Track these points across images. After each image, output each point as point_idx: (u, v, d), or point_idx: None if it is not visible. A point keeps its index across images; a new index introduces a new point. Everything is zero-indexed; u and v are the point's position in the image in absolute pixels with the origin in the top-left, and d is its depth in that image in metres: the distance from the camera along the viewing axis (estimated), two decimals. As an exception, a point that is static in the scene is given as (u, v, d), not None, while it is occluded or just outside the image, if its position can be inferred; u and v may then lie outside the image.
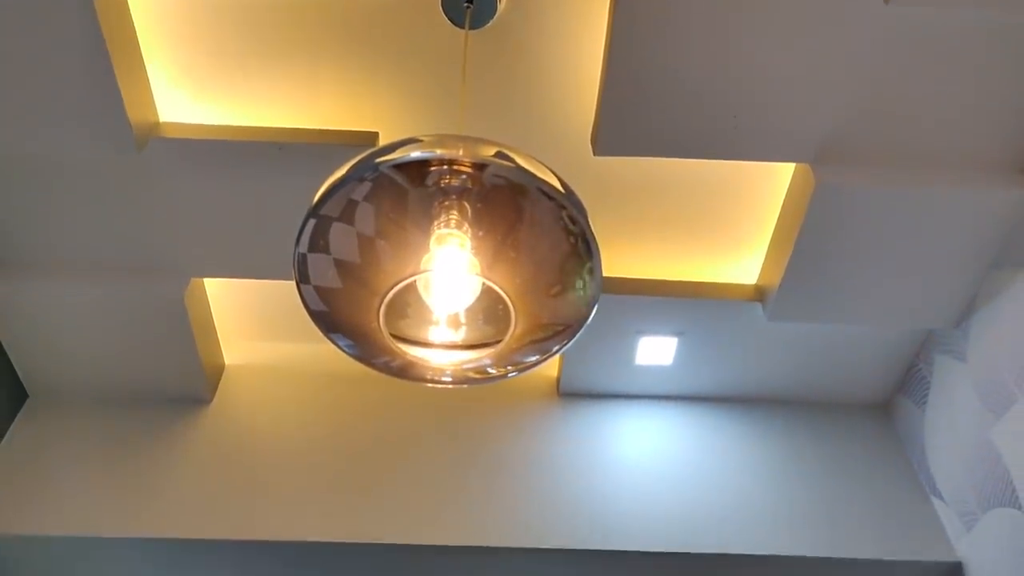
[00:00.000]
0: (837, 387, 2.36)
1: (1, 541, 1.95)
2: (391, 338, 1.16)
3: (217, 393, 2.31)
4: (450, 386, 1.24)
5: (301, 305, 1.17)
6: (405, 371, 1.22)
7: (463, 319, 1.22)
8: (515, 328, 1.13)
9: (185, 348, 2.14)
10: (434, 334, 1.22)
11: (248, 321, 2.39)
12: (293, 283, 1.14)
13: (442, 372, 1.23)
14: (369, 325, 1.17)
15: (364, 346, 1.21)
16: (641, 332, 2.23)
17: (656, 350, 2.27)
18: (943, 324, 2.07)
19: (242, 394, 2.32)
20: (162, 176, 1.83)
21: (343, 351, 1.22)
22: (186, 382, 2.23)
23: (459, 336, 1.23)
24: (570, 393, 2.38)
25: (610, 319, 2.17)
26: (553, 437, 2.27)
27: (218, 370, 2.34)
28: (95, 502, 2.01)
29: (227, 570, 2.07)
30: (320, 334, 1.21)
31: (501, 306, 1.15)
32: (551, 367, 2.43)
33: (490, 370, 1.22)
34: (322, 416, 2.28)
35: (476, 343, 1.23)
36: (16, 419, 2.19)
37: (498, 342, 1.17)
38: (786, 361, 2.30)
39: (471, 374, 1.23)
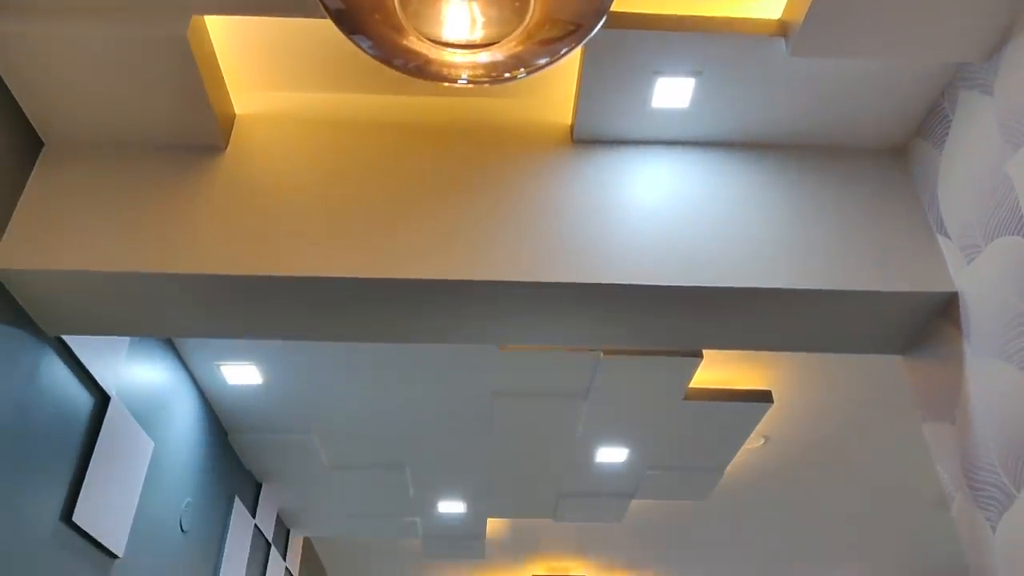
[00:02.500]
0: (855, 130, 2.33)
1: (31, 277, 2.05)
2: (410, 30, 1.13)
3: (231, 141, 2.31)
4: (467, 85, 1.23)
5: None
6: (422, 70, 1.20)
7: (480, 15, 1.18)
8: (533, 14, 1.10)
9: (194, 90, 2.11)
10: (450, 30, 1.19)
11: (257, 69, 2.34)
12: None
13: (458, 71, 1.21)
14: (388, 23, 1.14)
15: (383, 46, 1.18)
16: (658, 72, 2.17)
17: (673, 92, 2.23)
18: (974, 56, 2.00)
19: (255, 142, 2.32)
20: None
21: (364, 52, 1.19)
22: (199, 128, 2.22)
23: (476, 35, 1.20)
24: (585, 140, 2.37)
25: (626, 57, 2.10)
26: (567, 181, 2.29)
27: (229, 118, 2.32)
28: (119, 241, 2.09)
29: (247, 305, 2.18)
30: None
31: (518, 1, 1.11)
32: (565, 114, 2.40)
33: (503, 68, 1.20)
34: (336, 162, 2.29)
35: (491, 41, 1.20)
36: (35, 166, 2.21)
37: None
38: (805, 103, 2.26)
39: (485, 73, 1.21)
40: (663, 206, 2.23)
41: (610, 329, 2.26)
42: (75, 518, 2.37)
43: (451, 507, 4.72)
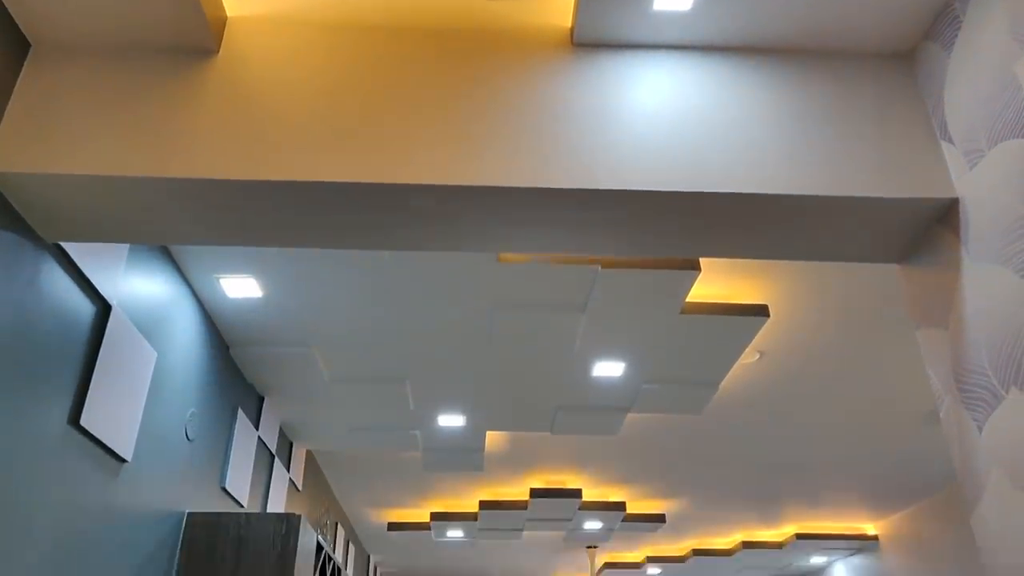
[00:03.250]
0: (860, 34, 2.28)
1: (25, 181, 2.03)
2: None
3: (223, 44, 2.26)
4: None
5: None
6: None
7: None
8: None
9: (183, -12, 2.05)
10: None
11: (245, -32, 2.27)
12: None
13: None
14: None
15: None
16: (662, -29, 2.11)
17: (676, -8, 2.17)
18: (986, -47, 1.94)
19: (248, 44, 2.27)
20: None
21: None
22: (188, 30, 2.17)
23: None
24: (585, 43, 2.31)
25: (630, -47, 2.04)
26: (567, 86, 2.25)
27: (220, 20, 2.26)
28: (112, 145, 2.06)
29: (242, 211, 2.17)
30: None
31: None
32: (565, 16, 2.34)
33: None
34: (330, 65, 2.24)
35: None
36: (24, 68, 2.17)
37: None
38: (809, 6, 2.20)
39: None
40: (664, 111, 2.20)
41: (610, 237, 2.26)
42: (83, 422, 2.42)
43: (451, 420, 4.82)
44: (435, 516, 6.98)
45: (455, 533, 7.43)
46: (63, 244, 2.33)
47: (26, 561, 2.16)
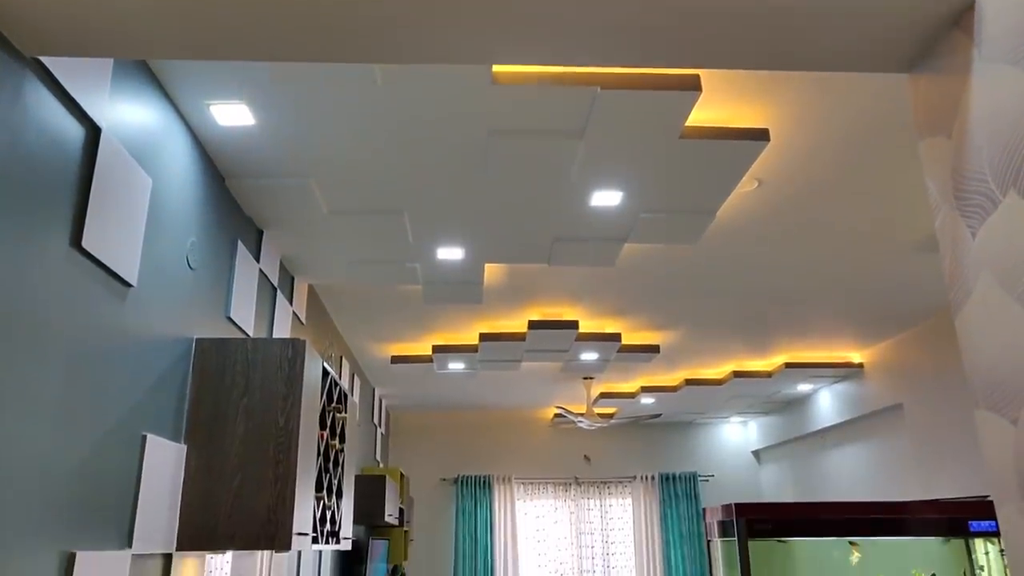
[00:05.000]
0: None
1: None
2: None
3: None
4: None
5: None
6: None
7: None
8: None
9: None
10: None
11: None
12: None
13: None
14: None
15: None
16: None
17: None
18: None
19: None
20: None
21: None
22: None
23: None
24: None
25: None
26: None
27: None
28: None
29: (224, 17, 2.08)
30: None
31: None
32: None
33: None
34: None
35: None
36: None
37: None
38: None
39: None
40: (670, -94, 2.06)
41: (609, 43, 2.18)
42: (84, 244, 2.44)
43: (449, 253, 4.87)
44: (436, 349, 7.22)
45: (456, 365, 7.72)
46: (45, 62, 2.25)
47: (42, 380, 2.24)
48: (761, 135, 3.56)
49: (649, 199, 4.11)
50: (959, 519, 4.95)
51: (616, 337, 6.92)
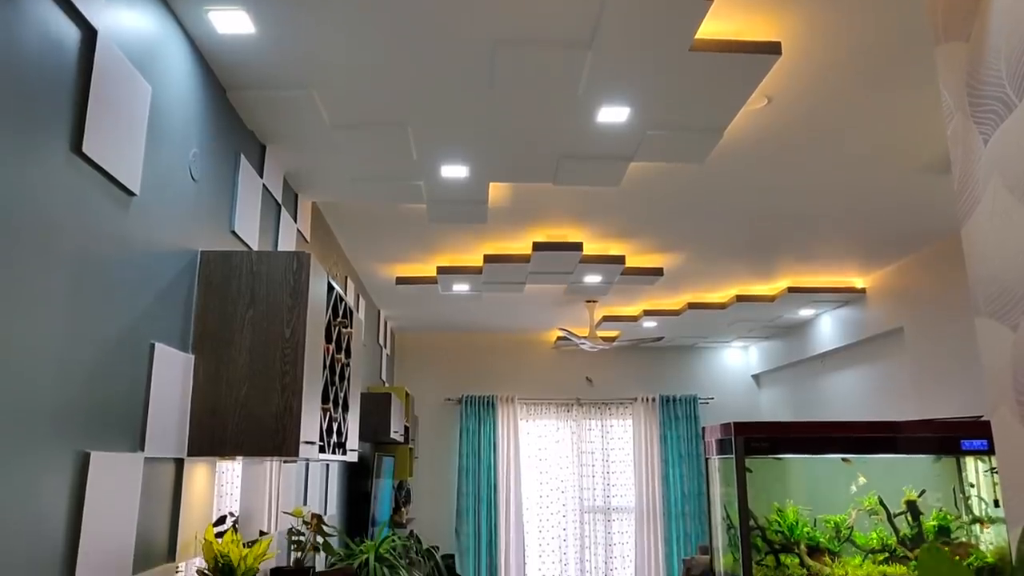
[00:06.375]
0: None
1: None
2: None
3: None
4: None
5: None
6: None
7: None
8: None
9: None
10: None
11: None
12: None
13: None
14: None
15: None
16: None
17: None
18: None
19: None
20: None
21: None
22: None
23: None
24: None
25: None
26: None
27: None
28: None
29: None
30: None
31: None
32: None
33: None
34: None
35: None
36: None
37: None
38: None
39: None
40: None
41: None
42: (85, 149, 2.41)
43: (454, 171, 4.83)
44: (441, 270, 7.24)
45: (460, 286, 7.76)
46: (36, -42, 2.19)
47: (50, 283, 2.26)
48: (773, 48, 3.48)
49: (656, 115, 4.05)
50: (951, 438, 5.04)
51: (620, 260, 6.93)
